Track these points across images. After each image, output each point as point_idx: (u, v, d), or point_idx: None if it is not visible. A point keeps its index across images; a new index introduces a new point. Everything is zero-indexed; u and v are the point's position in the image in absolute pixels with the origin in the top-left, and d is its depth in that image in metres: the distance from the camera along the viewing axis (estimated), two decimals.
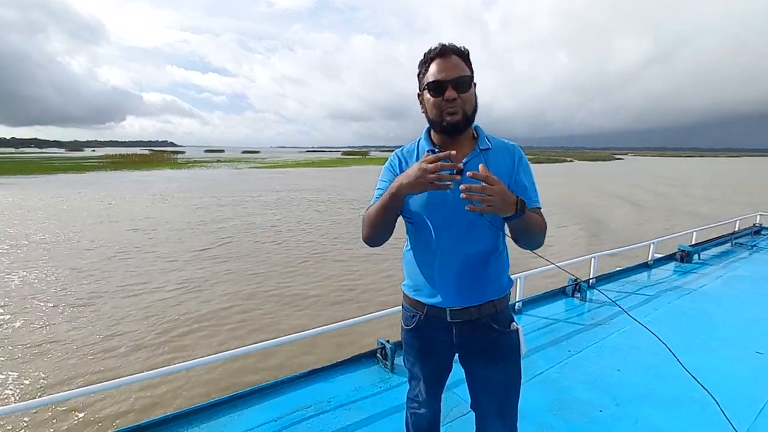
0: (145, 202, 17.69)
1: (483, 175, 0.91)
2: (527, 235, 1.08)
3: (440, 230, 1.14)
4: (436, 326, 1.22)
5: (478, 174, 0.92)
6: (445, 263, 1.16)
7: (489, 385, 1.24)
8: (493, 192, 0.91)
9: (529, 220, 1.03)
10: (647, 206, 17.36)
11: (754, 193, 23.57)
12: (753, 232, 6.57)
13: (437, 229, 1.14)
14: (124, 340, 5.06)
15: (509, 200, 0.95)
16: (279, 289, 6.85)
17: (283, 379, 2.31)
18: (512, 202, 0.95)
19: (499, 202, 0.92)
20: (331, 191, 22.13)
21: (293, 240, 10.50)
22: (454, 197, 1.06)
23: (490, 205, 0.91)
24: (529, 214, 1.03)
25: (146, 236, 10.87)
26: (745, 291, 3.93)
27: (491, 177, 0.92)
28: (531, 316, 3.27)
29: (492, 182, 0.92)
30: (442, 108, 1.08)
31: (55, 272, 7.77)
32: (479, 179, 0.91)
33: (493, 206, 0.91)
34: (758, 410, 2.07)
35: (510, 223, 1.03)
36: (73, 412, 3.61)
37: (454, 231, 1.13)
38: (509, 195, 0.95)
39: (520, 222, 1.01)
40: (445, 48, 1.09)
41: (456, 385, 2.09)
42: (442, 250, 1.16)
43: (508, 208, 0.95)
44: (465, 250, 1.14)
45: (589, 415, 2.04)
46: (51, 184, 25.73)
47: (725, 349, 2.72)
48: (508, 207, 0.94)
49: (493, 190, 0.91)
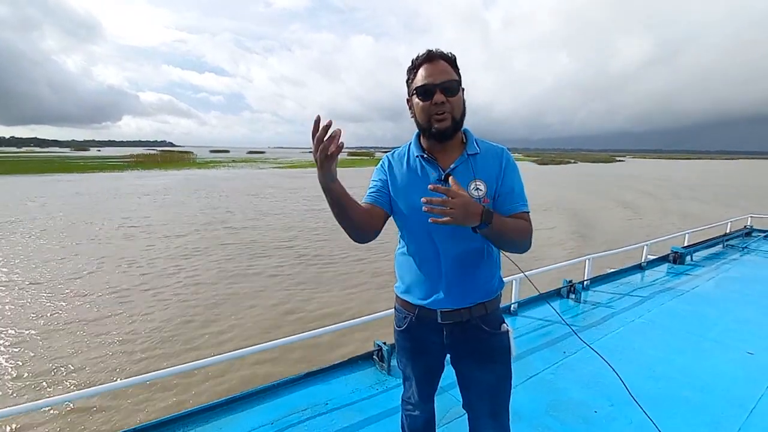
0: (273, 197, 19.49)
1: (443, 188, 0.94)
2: (502, 241, 1.08)
3: (429, 233, 1.15)
4: (427, 327, 1.23)
5: (439, 187, 0.94)
6: (435, 265, 1.17)
7: (479, 386, 1.25)
8: (454, 205, 0.92)
9: (502, 228, 1.02)
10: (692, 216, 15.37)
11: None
12: (744, 233, 6.66)
13: (426, 233, 1.15)
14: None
15: (473, 211, 0.95)
16: None
17: (279, 382, 2.30)
18: (476, 213, 0.96)
19: (461, 215, 0.93)
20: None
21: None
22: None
23: (452, 217, 0.92)
24: (502, 221, 1.03)
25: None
26: (736, 292, 3.98)
27: (452, 190, 0.94)
28: (526, 317, 3.29)
29: (454, 195, 0.93)
30: (431, 112, 1.10)
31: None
32: (440, 192, 0.94)
33: (454, 218, 0.93)
34: (750, 409, 2.10)
35: (479, 232, 1.03)
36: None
37: (443, 234, 1.14)
38: (473, 206, 0.96)
39: (488, 231, 1.00)
40: (433, 53, 1.10)
41: (452, 387, 2.10)
42: (431, 253, 1.17)
43: (471, 219, 0.95)
44: (454, 252, 1.15)
45: (584, 415, 2.05)
46: (135, 178, 27.26)
47: (717, 350, 2.76)
48: (471, 218, 0.95)
49: (454, 203, 0.92)
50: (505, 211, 1.14)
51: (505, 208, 1.14)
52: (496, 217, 1.01)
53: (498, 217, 1.02)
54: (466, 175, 1.13)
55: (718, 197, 22.09)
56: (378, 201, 1.19)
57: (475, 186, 1.12)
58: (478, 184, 1.12)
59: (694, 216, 14.97)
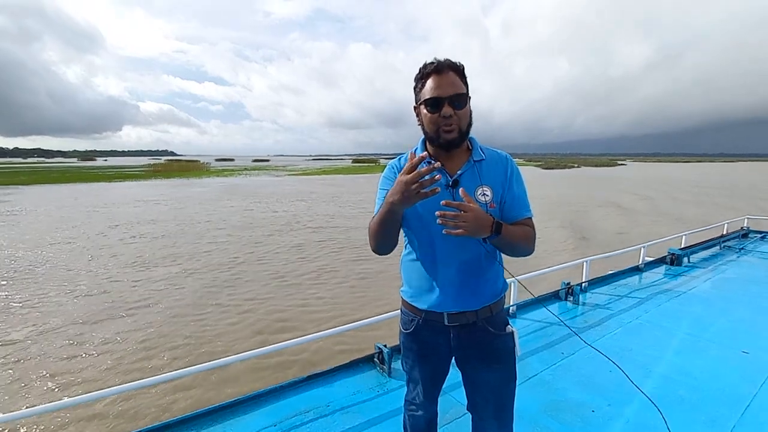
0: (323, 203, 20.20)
1: (456, 203, 0.99)
2: (510, 248, 1.14)
3: (436, 238, 1.18)
4: (434, 330, 1.26)
5: (451, 202, 1.00)
6: (442, 269, 1.20)
7: (485, 387, 1.28)
8: (466, 218, 0.98)
9: (510, 237, 1.09)
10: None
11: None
12: (741, 235, 6.71)
13: (433, 237, 1.18)
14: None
15: (484, 223, 1.02)
16: None
17: (281, 384, 2.33)
18: (488, 225, 1.02)
19: (473, 227, 1.00)
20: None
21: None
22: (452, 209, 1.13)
23: (465, 229, 0.99)
24: (509, 230, 1.09)
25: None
26: (732, 292, 4.02)
27: (465, 204, 1.00)
28: (525, 319, 3.32)
29: (466, 209, 0.99)
30: (439, 124, 1.12)
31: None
32: (452, 206, 0.99)
33: (467, 230, 0.99)
34: (744, 407, 2.14)
35: (489, 242, 1.10)
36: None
37: (449, 238, 1.16)
38: (484, 218, 1.02)
39: (498, 240, 1.07)
40: (441, 64, 1.12)
41: (453, 388, 2.13)
42: (438, 257, 1.20)
43: (483, 230, 1.02)
44: (460, 256, 1.18)
45: (582, 415, 2.09)
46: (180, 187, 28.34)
47: (713, 349, 2.80)
48: (483, 230, 1.02)
49: (466, 216, 0.98)
50: (511, 217, 1.19)
51: (512, 214, 1.19)
52: (504, 226, 1.07)
53: (506, 226, 1.08)
54: (473, 181, 1.17)
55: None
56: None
57: (482, 192, 1.16)
58: (484, 190, 1.16)
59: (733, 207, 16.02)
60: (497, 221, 1.05)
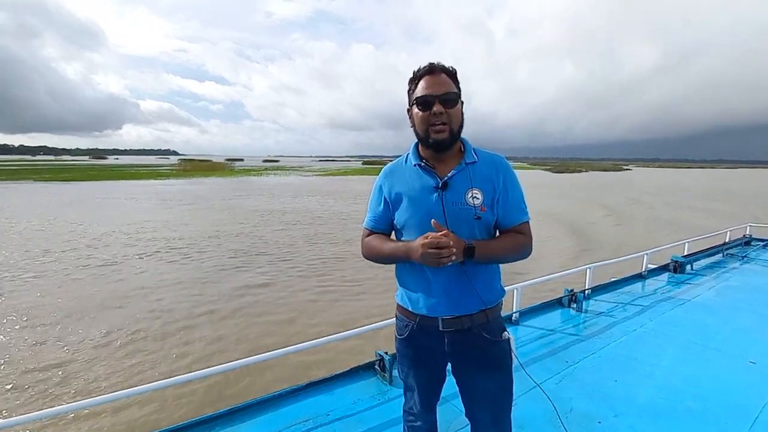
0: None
1: (431, 241, 1.05)
2: (495, 262, 1.19)
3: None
4: (429, 335, 1.23)
5: (436, 223, 1.08)
6: (436, 274, 1.18)
7: (481, 394, 1.25)
8: (455, 245, 1.05)
9: (490, 254, 1.14)
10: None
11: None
12: (743, 242, 6.68)
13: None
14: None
15: (460, 248, 1.08)
16: None
17: (280, 392, 2.28)
18: (460, 251, 1.08)
19: (458, 252, 1.06)
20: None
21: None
22: (441, 212, 1.13)
23: (456, 256, 1.05)
24: (487, 249, 1.13)
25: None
26: (737, 301, 3.98)
27: (441, 239, 1.05)
28: (528, 326, 3.28)
29: (443, 244, 1.04)
30: (430, 122, 1.13)
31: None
32: (439, 230, 1.06)
33: (456, 256, 1.06)
34: (753, 419, 2.09)
35: (466, 263, 1.13)
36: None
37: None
38: (459, 245, 1.07)
39: (475, 261, 1.12)
40: (434, 66, 1.14)
41: (454, 397, 2.08)
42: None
43: (457, 257, 1.07)
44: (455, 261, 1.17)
45: (588, 426, 2.04)
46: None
47: (719, 359, 2.75)
48: (460, 254, 1.08)
49: (450, 245, 1.04)
50: (507, 222, 1.19)
51: (508, 220, 1.19)
52: (478, 248, 1.10)
53: (483, 245, 1.11)
54: (464, 183, 1.15)
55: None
56: (387, 228, 1.29)
57: (473, 195, 1.14)
58: (475, 193, 1.15)
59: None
60: (469, 245, 1.08)
